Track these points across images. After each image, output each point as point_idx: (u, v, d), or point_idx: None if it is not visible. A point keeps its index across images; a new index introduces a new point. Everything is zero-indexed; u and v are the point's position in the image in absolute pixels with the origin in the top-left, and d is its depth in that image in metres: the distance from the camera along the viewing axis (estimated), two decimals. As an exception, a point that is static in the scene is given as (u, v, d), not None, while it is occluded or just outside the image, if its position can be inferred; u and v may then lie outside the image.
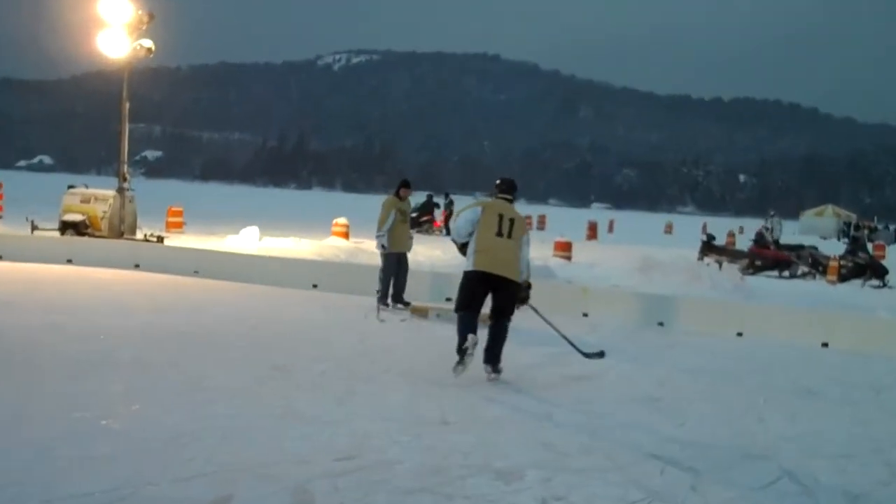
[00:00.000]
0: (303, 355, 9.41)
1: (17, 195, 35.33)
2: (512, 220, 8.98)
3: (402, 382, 8.41)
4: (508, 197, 9.24)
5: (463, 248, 9.20)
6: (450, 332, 10.70)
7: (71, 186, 21.68)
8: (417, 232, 27.39)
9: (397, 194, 13.63)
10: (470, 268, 8.89)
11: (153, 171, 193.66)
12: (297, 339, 10.47)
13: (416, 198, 32.52)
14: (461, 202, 22.49)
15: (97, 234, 20.15)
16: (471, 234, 9.01)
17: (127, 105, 20.61)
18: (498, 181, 9.45)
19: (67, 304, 12.05)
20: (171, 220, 26.04)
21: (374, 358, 9.57)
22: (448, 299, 14.13)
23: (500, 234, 8.87)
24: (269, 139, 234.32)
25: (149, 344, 9.53)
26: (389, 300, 13.41)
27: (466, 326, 8.64)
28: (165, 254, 17.52)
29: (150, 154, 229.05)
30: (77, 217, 20.43)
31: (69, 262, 16.90)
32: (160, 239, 20.26)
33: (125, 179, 20.69)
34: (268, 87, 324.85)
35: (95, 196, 20.79)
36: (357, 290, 13.41)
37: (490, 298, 8.94)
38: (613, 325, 13.03)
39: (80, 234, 19.96)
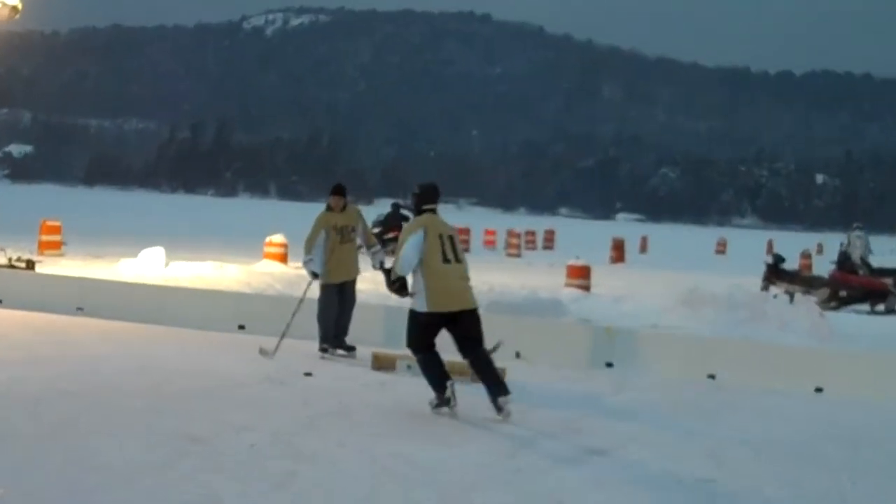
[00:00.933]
0: (226, 423, 9.38)
1: None
2: (451, 238, 10.12)
3: (361, 459, 8.40)
4: (434, 207, 10.31)
5: (396, 283, 10.10)
6: (425, 389, 10.69)
7: None
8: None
9: (329, 207, 13.76)
10: (423, 309, 9.98)
11: (21, 171, 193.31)
12: (219, 401, 10.44)
13: (381, 207, 32.59)
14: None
15: (-56, 259, 20.08)
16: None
17: (-15, 83, 20.60)
18: (418, 190, 10.45)
19: None
20: (45, 238, 25.96)
21: (322, 426, 9.56)
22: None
23: (446, 259, 9.96)
24: (178, 129, 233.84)
25: (17, 407, 9.47)
26: (328, 345, 13.60)
27: (440, 372, 10.14)
28: (38, 284, 17.45)
29: (17, 149, 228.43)
30: (-84, 236, 20.36)
31: None
32: (30, 264, 20.19)
33: (-18, 184, 20.65)
34: (177, 60, 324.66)
35: (-59, 207, 20.76)
36: (299, 332, 13.37)
37: (451, 334, 10.14)
38: (648, 380, 13.04)
39: (-79, 258, 19.88)
